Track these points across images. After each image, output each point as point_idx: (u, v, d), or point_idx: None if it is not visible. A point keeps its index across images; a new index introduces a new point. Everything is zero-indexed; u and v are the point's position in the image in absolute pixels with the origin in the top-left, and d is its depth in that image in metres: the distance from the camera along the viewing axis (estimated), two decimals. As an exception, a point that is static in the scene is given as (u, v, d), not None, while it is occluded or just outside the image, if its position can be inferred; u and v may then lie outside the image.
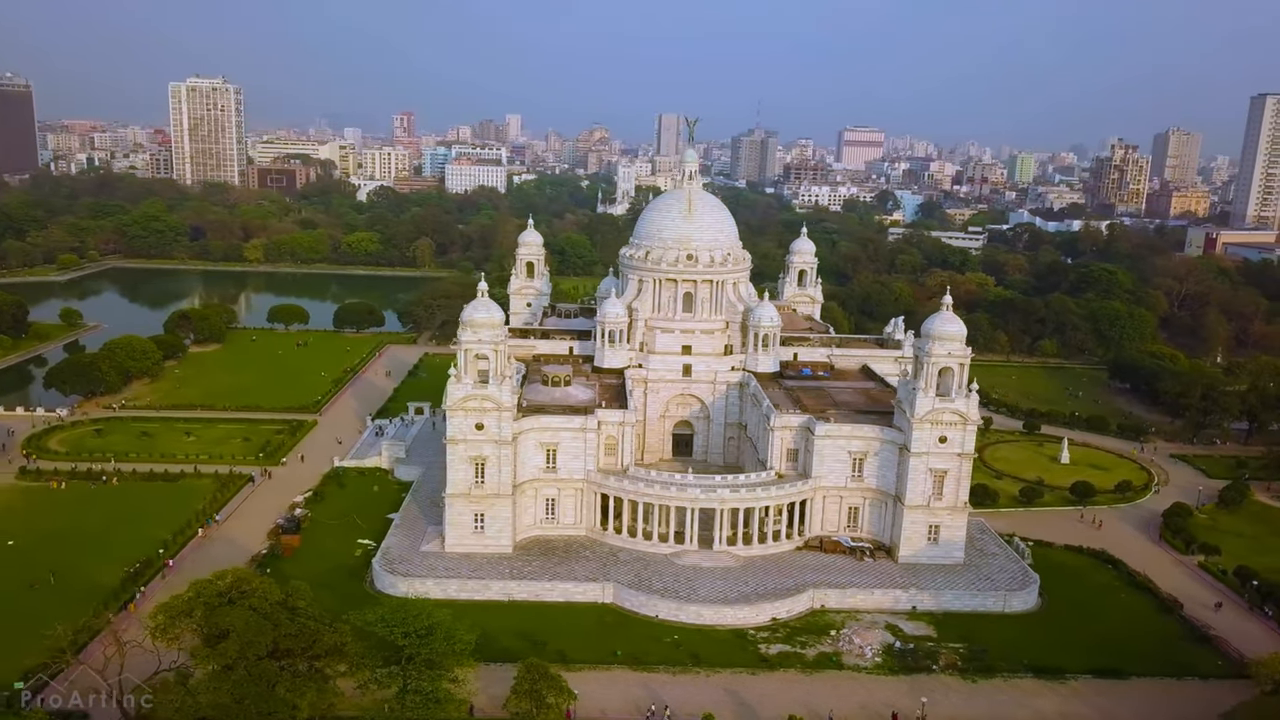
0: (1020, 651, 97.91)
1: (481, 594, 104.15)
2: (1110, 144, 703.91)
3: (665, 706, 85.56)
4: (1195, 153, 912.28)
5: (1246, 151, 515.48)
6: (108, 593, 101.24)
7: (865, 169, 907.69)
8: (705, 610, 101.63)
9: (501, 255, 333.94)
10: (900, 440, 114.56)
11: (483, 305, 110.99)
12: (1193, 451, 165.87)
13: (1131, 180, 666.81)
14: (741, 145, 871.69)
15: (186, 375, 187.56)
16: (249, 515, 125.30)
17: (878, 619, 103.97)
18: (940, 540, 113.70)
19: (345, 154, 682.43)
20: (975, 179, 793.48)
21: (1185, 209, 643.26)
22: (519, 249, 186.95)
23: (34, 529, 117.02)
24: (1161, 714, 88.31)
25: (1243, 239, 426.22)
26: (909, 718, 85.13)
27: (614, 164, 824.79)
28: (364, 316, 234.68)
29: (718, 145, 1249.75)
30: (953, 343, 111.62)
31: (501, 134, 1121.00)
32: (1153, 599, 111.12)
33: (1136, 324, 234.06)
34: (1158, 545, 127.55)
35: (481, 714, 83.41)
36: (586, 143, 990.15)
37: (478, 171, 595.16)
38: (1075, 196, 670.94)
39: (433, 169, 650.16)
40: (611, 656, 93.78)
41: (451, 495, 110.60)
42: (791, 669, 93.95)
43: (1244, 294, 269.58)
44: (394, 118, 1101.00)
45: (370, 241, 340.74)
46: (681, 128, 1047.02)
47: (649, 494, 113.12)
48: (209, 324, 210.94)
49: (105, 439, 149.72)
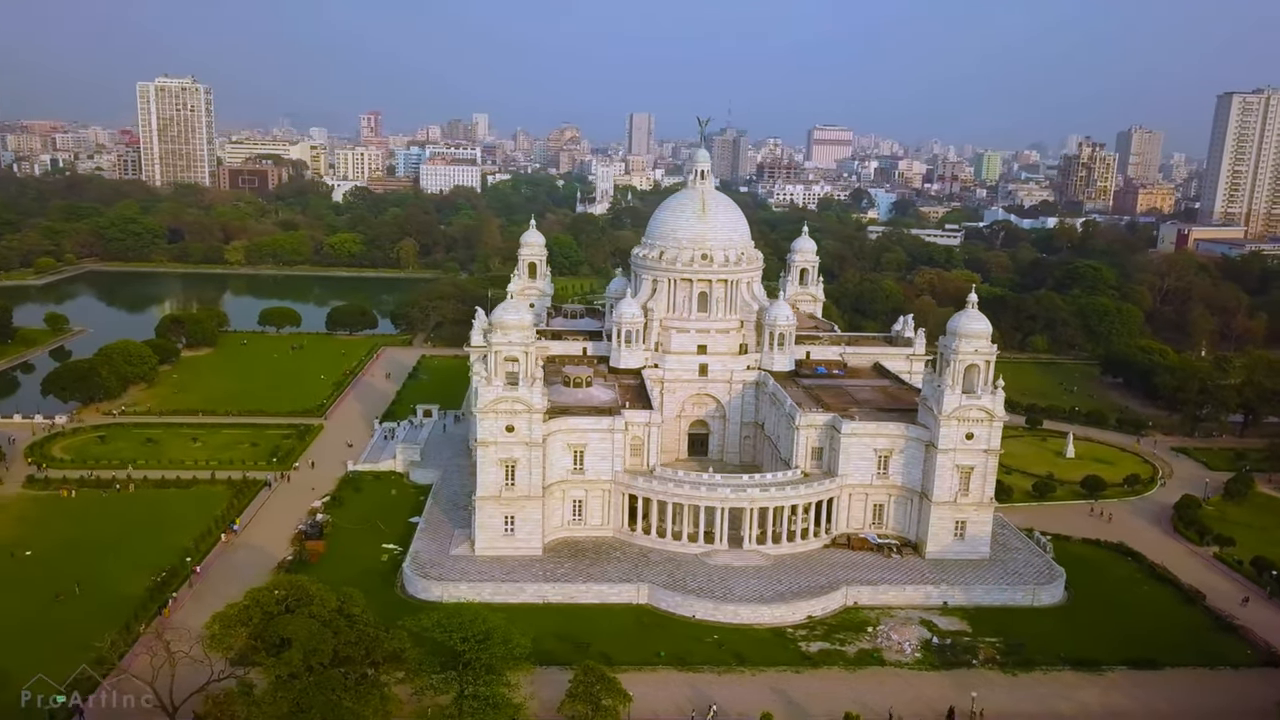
0: (1054, 644, 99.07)
1: (516, 597, 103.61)
2: (1078, 142, 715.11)
3: (711, 707, 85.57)
4: (1157, 150, 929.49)
5: (1213, 149, 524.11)
6: (136, 602, 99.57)
7: (836, 168, 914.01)
8: (743, 609, 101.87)
9: (486, 255, 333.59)
10: (926, 437, 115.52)
11: (513, 307, 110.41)
12: (1193, 444, 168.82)
13: (1099, 177, 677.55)
14: (713, 144, 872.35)
15: (184, 380, 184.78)
16: (267, 521, 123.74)
17: (911, 615, 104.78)
18: (967, 536, 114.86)
19: (316, 154, 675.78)
20: (945, 177, 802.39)
21: (1151, 205, 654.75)
22: (521, 249, 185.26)
23: (50, 539, 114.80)
24: (1198, 704, 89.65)
25: (1213, 235, 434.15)
26: (963, 713, 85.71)
27: (587, 163, 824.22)
28: (357, 319, 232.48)
29: (686, 144, 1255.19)
30: (979, 340, 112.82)
31: (470, 133, 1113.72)
32: (1175, 590, 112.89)
33: (1124, 319, 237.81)
34: (1172, 537, 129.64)
35: (534, 718, 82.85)
36: (557, 142, 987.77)
37: (452, 171, 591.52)
38: (1045, 194, 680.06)
39: (406, 169, 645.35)
40: (655, 657, 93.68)
41: (482, 498, 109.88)
42: (834, 666, 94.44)
43: (1224, 289, 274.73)
44: (360, 117, 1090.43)
45: (353, 243, 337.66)
46: (652, 126, 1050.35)
47: (679, 494, 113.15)
48: (202, 328, 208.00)
49: (110, 446, 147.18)
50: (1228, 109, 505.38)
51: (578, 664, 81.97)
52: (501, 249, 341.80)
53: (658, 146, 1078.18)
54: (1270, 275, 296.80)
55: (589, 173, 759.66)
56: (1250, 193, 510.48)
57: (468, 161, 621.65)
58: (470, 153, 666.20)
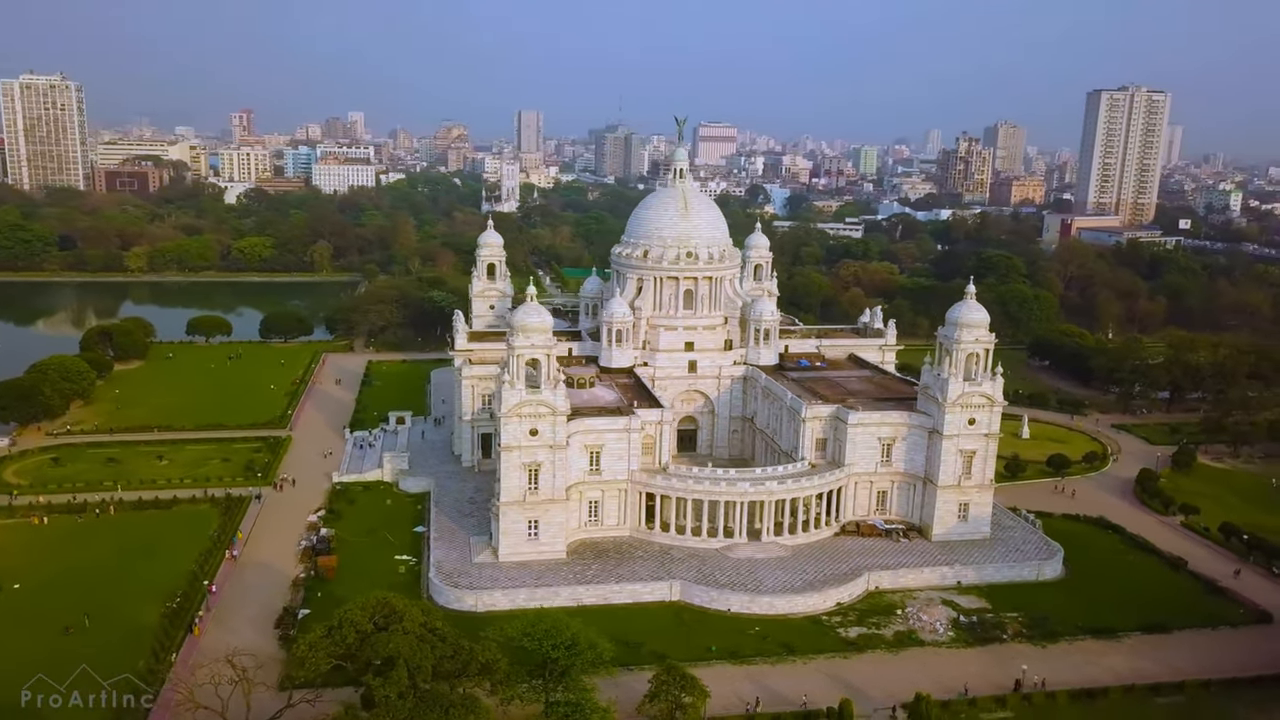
0: (1070, 616, 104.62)
1: (550, 601, 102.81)
2: (956, 137, 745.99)
3: (756, 699, 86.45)
4: (1022, 144, 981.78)
5: (1085, 143, 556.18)
6: (154, 630, 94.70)
7: (725, 164, 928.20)
8: (778, 600, 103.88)
9: (405, 256, 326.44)
10: (929, 424, 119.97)
11: (534, 310, 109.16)
12: (1130, 421, 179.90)
13: (976, 171, 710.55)
14: (605, 142, 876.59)
15: (125, 395, 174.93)
16: (265, 538, 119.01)
17: (932, 596, 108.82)
18: (970, 517, 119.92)
19: (196, 155, 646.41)
20: (832, 172, 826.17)
21: (1024, 197, 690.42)
22: (480, 250, 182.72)
23: (37, 570, 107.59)
24: (1215, 661, 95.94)
25: (1093, 224, 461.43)
26: (1027, 684, 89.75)
27: (478, 162, 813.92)
28: (293, 325, 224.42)
29: (569, 142, 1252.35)
30: (979, 329, 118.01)
31: (350, 131, 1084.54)
32: (1158, 559, 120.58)
33: (1042, 306, 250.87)
34: (1139, 509, 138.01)
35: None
36: (444, 140, 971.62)
37: (346, 171, 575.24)
38: (929, 187, 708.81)
39: (296, 169, 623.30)
40: (707, 652, 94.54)
41: (506, 503, 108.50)
42: (877, 650, 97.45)
43: (1122, 274, 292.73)
44: (231, 116, 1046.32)
45: (264, 247, 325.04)
46: (541, 124, 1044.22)
47: (698, 490, 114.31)
48: (131, 339, 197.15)
49: (67, 468, 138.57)
50: (1097, 105, 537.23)
51: (636, 664, 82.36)
52: (419, 249, 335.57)
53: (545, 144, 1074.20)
54: (1159, 261, 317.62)
55: (481, 171, 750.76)
56: (1119, 184, 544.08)
57: (361, 161, 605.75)
58: (363, 152, 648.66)
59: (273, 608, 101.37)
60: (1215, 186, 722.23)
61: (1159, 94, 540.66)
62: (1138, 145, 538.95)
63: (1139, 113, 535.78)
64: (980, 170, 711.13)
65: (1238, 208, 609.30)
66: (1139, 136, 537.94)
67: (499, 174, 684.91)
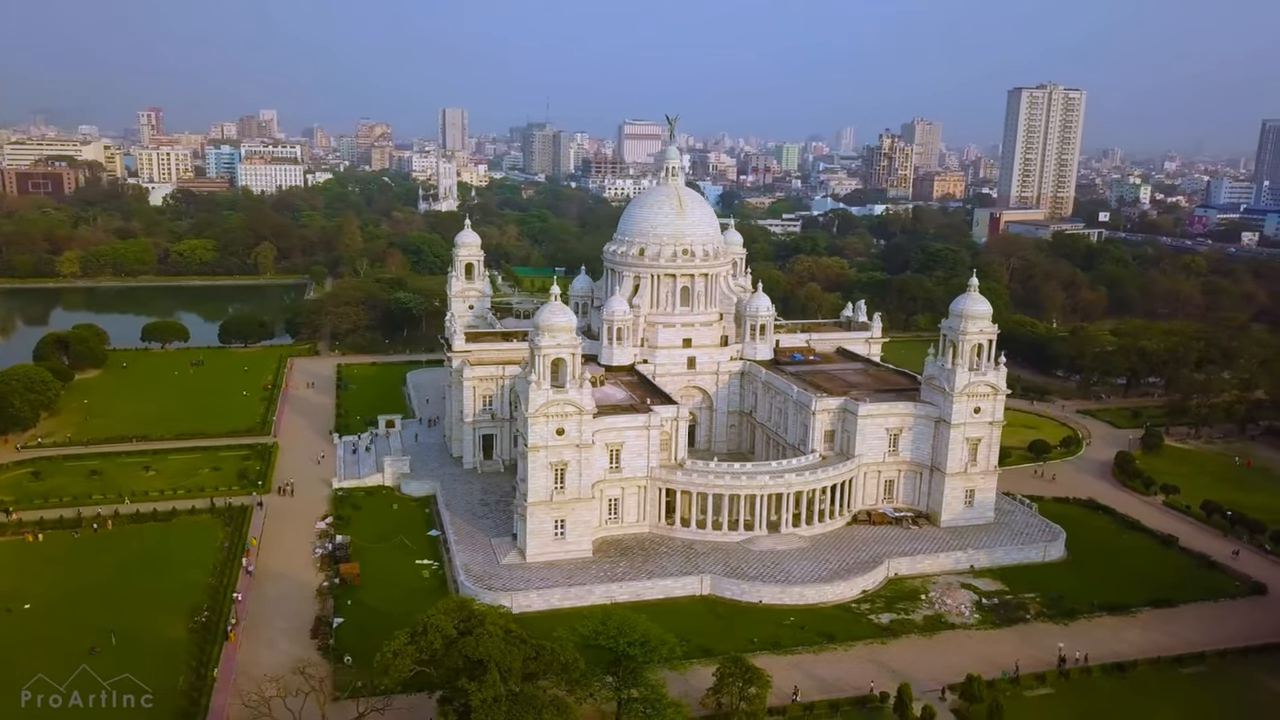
0: (1081, 593, 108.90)
1: (585, 600, 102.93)
2: (879, 134, 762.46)
3: (795, 687, 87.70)
4: (938, 140, 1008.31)
5: (1006, 139, 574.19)
6: (186, 646, 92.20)
7: (653, 162, 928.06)
8: (807, 590, 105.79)
9: (352, 257, 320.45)
10: (934, 414, 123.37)
11: (559, 310, 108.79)
12: (1094, 407, 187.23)
13: (900, 166, 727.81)
14: (534, 140, 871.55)
15: (93, 405, 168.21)
16: (275, 547, 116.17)
17: (951, 580, 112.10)
18: (975, 503, 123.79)
19: (111, 155, 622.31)
20: (759, 169, 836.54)
21: (946, 191, 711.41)
22: (458, 250, 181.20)
23: (43, 589, 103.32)
24: (1227, 632, 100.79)
25: (1020, 218, 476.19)
26: (1070, 660, 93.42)
27: (405, 160, 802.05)
28: (254, 329, 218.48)
29: (490, 140, 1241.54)
30: (983, 321, 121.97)
31: (265, 130, 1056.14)
32: (1149, 537, 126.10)
33: (993, 297, 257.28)
34: (1120, 490, 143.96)
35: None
36: (367, 139, 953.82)
37: (273, 171, 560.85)
38: (854, 183, 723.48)
39: (218, 169, 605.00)
40: (750, 644, 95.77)
41: (533, 504, 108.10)
42: (911, 635, 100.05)
43: (1061, 266, 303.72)
44: (139, 114, 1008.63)
45: (204, 249, 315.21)
46: (465, 122, 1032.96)
47: (719, 485, 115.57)
48: (88, 347, 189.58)
49: (49, 481, 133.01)
50: (1018, 102, 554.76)
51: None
52: (365, 250, 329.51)
53: (470, 141, 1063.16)
54: (1093, 252, 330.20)
55: (408, 169, 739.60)
56: (1039, 178, 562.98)
57: (289, 161, 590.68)
58: (290, 152, 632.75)
59: (303, 618, 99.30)
60: (1124, 180, 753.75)
61: (1075, 91, 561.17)
62: (1056, 141, 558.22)
63: (1057, 110, 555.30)
64: (904, 166, 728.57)
65: (1147, 200, 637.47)
66: (1057, 132, 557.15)
67: (429, 172, 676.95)
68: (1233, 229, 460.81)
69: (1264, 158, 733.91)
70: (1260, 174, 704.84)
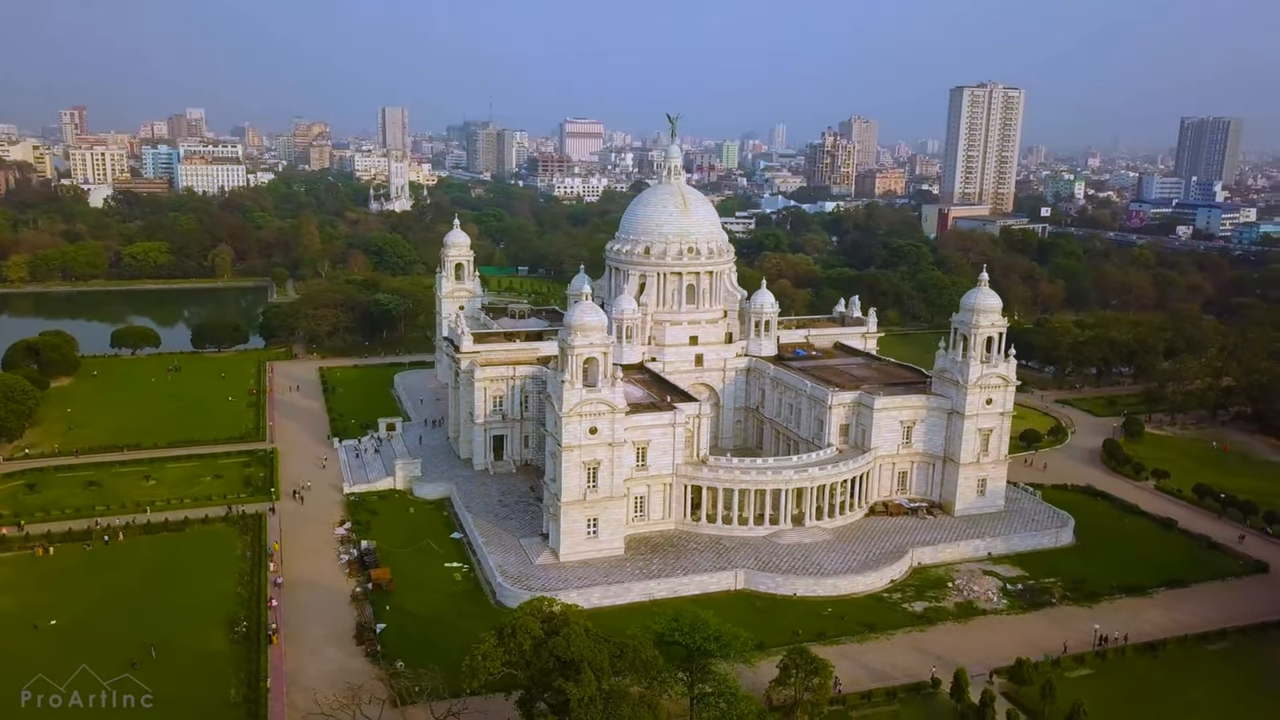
0: (1098, 576, 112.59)
1: (623, 597, 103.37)
2: (822, 133, 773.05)
3: (835, 677, 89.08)
4: (875, 138, 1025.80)
5: (950, 136, 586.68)
6: (231, 658, 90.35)
7: (598, 159, 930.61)
8: (840, 582, 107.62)
9: (313, 259, 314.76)
10: (946, 406, 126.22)
11: (591, 309, 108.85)
12: (1071, 396, 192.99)
13: (842, 164, 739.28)
14: (478, 138, 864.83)
15: (76, 414, 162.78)
16: (296, 554, 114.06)
17: (972, 568, 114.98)
18: (987, 492, 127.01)
19: (40, 155, 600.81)
20: (704, 167, 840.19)
21: (887, 188, 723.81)
22: (448, 250, 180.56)
23: (65, 604, 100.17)
24: (1240, 609, 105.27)
25: (966, 213, 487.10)
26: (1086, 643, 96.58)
27: (346, 160, 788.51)
28: (228, 334, 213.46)
29: (427, 138, 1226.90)
30: (994, 314, 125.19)
31: (195, 129, 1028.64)
32: (1148, 520, 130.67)
33: (959, 291, 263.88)
34: (1112, 476, 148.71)
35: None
36: (304, 138, 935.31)
37: (215, 171, 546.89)
38: (799, 180, 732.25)
39: (156, 170, 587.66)
40: (794, 637, 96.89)
41: (567, 503, 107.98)
42: (946, 621, 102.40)
43: (1017, 259, 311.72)
44: (62, 113, 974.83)
45: (158, 252, 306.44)
46: (405, 121, 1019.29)
47: (745, 480, 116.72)
48: (61, 355, 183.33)
49: (47, 494, 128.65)
50: (960, 101, 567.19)
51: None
52: (326, 251, 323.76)
53: (407, 140, 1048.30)
54: (1045, 246, 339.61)
55: (349, 169, 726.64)
56: (981, 175, 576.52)
57: (231, 160, 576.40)
58: (232, 151, 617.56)
59: (342, 624, 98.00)
60: (1057, 176, 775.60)
61: (1014, 90, 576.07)
62: (997, 138, 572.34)
63: (997, 108, 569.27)
64: (846, 164, 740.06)
65: (1081, 196, 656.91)
66: (998, 130, 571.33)
67: (373, 171, 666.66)
68: (1168, 223, 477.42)
69: (1183, 154, 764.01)
70: (1181, 169, 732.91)
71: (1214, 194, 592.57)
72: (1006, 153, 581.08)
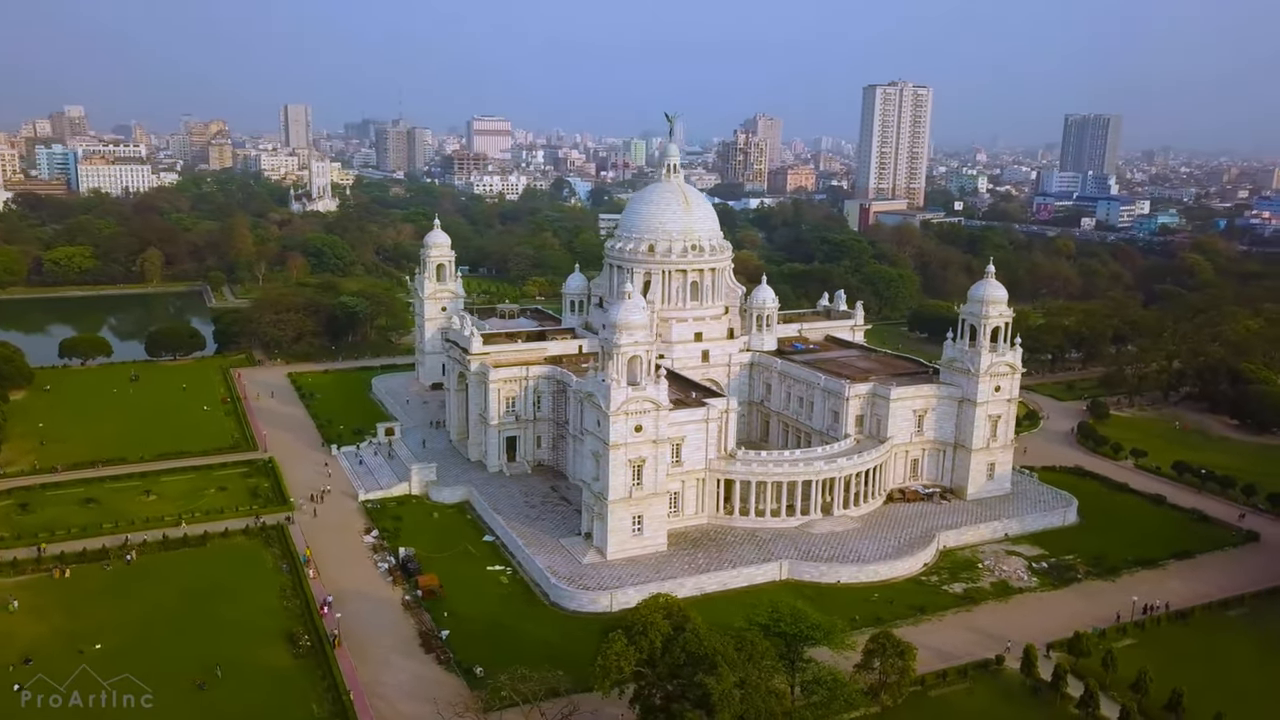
0: (1111, 551, 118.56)
1: (677, 591, 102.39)
2: (734, 130, 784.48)
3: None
4: (778, 135, 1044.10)
5: (864, 133, 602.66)
6: (299, 673, 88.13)
7: (510, 157, 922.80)
8: (880, 568, 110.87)
9: (248, 262, 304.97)
10: (956, 394, 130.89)
11: (636, 308, 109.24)
12: (1031, 382, 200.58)
13: (755, 161, 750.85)
14: (388, 136, 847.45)
15: (47, 430, 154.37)
16: (327, 564, 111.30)
17: (995, 549, 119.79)
18: (996, 476, 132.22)
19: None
20: (618, 164, 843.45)
21: (799, 184, 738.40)
22: (429, 251, 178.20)
23: (102, 626, 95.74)
24: (1247, 576, 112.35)
25: (886, 208, 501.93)
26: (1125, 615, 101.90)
27: (251, 159, 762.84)
28: (184, 341, 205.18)
29: (325, 136, 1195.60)
30: (1001, 305, 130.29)
31: (78, 127, 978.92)
32: (1138, 497, 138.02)
33: (907, 284, 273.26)
34: (1092, 456, 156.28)
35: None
36: (201, 136, 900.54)
37: (118, 171, 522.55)
38: (714, 177, 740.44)
39: (52, 171, 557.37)
40: (851, 623, 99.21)
41: (614, 501, 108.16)
42: (987, 601, 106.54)
43: (950, 252, 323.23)
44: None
45: (83, 257, 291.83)
46: (309, 118, 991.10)
47: (778, 473, 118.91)
48: (13, 367, 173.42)
49: (43, 514, 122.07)
50: (873, 99, 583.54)
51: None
52: (260, 253, 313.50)
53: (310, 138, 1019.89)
54: (975, 239, 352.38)
55: (255, 168, 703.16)
56: (894, 170, 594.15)
57: (134, 160, 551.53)
58: (136, 151, 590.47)
59: (401, 633, 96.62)
60: (960, 171, 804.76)
61: (923, 88, 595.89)
62: (908, 135, 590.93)
63: (908, 105, 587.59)
64: (759, 161, 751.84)
65: (986, 190, 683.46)
66: (909, 127, 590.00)
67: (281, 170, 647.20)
68: (1072, 215, 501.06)
69: (1068, 149, 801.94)
70: (1065, 163, 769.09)
71: (1109, 187, 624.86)
72: (917, 149, 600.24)
